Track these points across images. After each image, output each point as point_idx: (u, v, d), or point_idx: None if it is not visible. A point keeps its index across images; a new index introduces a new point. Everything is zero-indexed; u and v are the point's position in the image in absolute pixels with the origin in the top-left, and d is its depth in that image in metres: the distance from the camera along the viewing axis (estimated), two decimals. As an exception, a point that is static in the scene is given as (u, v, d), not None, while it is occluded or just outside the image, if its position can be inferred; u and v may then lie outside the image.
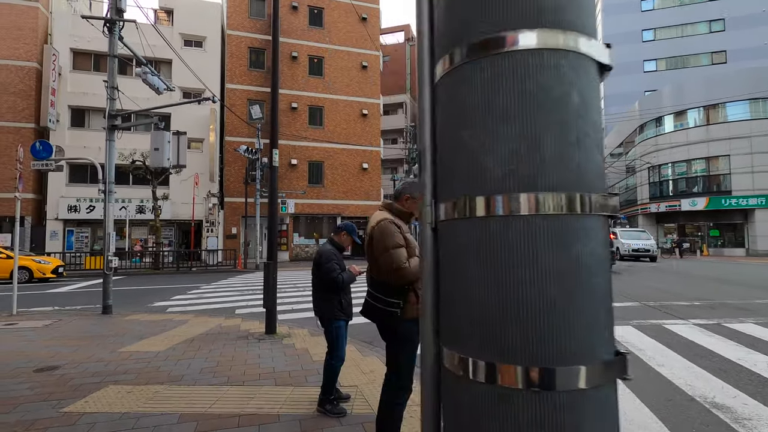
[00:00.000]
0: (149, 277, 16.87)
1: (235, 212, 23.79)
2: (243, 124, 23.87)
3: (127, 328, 6.70)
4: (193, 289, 12.17)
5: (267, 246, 6.20)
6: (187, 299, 10.13)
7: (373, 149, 26.55)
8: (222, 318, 7.59)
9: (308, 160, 25.16)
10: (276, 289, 6.20)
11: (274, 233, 6.19)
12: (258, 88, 24.58)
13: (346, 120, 26.00)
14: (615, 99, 46.49)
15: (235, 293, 11.06)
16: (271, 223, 6.18)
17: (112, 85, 8.25)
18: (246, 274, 17.19)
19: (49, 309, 9.09)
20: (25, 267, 14.70)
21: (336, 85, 25.87)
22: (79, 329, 6.67)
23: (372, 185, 26.36)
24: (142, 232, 22.73)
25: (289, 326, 6.77)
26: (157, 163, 7.79)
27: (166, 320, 7.40)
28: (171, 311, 8.61)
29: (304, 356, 5.01)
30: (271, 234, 6.18)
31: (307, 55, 25.45)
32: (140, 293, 11.45)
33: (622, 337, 5.67)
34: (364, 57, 26.58)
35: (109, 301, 8.04)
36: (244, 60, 24.55)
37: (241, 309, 8.70)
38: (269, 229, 6.18)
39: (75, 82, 21.90)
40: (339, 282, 3.39)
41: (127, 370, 4.50)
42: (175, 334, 6.21)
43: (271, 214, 6.18)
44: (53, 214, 21.13)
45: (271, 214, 6.18)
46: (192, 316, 7.77)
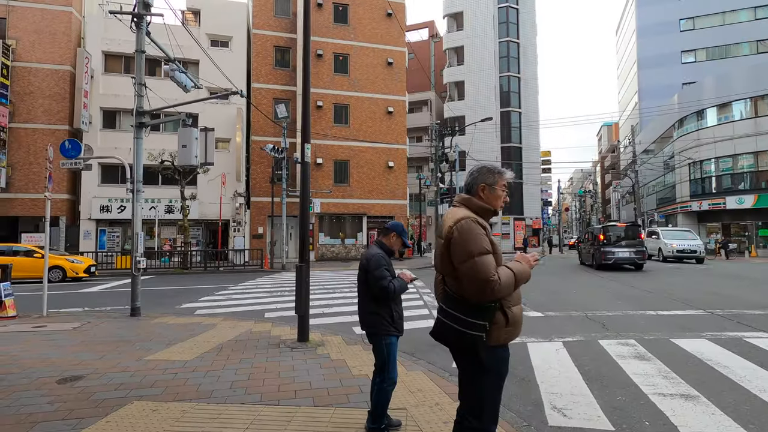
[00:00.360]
0: (177, 277, 16.88)
1: (261, 212, 23.74)
2: (269, 123, 23.79)
3: (155, 333, 6.42)
4: (221, 289, 11.97)
5: (299, 246, 5.79)
6: (215, 301, 9.90)
7: (399, 147, 26.05)
8: (251, 322, 7.25)
9: (334, 158, 24.87)
10: (309, 294, 5.78)
11: (305, 233, 5.78)
12: (283, 87, 24.46)
13: (372, 118, 25.59)
14: (650, 92, 44.44)
15: (263, 295, 10.77)
16: (303, 222, 5.77)
17: (140, 82, 8.04)
18: (273, 275, 17.00)
19: (79, 310, 9.00)
20: (58, 266, 14.90)
21: (361, 83, 25.49)
22: (106, 333, 6.43)
23: (398, 184, 25.87)
24: (170, 231, 22.94)
25: (322, 332, 6.36)
26: (184, 160, 7.53)
27: (194, 324, 7.11)
28: (199, 314, 8.35)
29: (341, 369, 4.56)
30: (302, 233, 5.77)
31: (332, 53, 25.16)
32: (168, 294, 11.31)
33: (701, 353, 4.98)
34: (390, 53, 26.11)
35: (137, 303, 7.84)
36: (270, 59, 24.47)
37: (271, 312, 8.36)
38: (301, 229, 5.78)
39: (106, 84, 22.27)
40: (391, 291, 2.91)
41: (153, 382, 4.16)
42: (203, 340, 5.88)
43: (302, 213, 5.77)
44: (86, 214, 21.55)
45: (302, 212, 5.77)
46: (220, 320, 7.47)
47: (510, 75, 39.07)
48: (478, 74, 38.47)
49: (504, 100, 38.86)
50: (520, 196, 38.83)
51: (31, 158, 21.18)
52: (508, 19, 39.22)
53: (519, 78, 39.46)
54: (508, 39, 39.09)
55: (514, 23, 39.59)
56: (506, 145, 38.72)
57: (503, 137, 38.76)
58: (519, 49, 39.58)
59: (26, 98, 21.26)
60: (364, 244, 25.42)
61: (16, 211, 21.08)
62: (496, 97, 38.52)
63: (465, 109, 38.86)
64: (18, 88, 21.18)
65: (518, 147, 39.05)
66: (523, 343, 5.56)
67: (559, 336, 6.00)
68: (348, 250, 25.11)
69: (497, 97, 38.56)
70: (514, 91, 39.20)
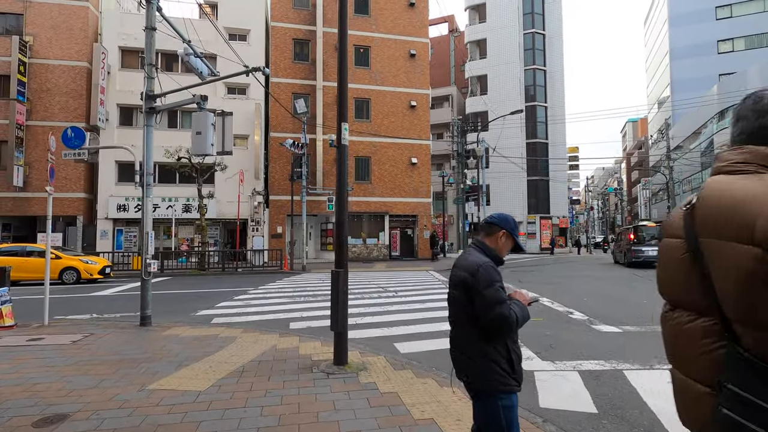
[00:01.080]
0: (194, 278, 16.13)
1: (280, 210, 22.92)
2: (288, 118, 22.97)
3: (164, 349, 5.49)
4: (240, 293, 11.09)
5: (335, 248, 4.78)
6: (234, 307, 8.98)
7: (423, 143, 24.93)
8: (275, 335, 6.27)
9: (354, 155, 23.89)
10: (347, 307, 4.75)
11: (343, 230, 4.76)
12: (302, 81, 23.60)
13: (394, 112, 24.53)
14: (683, 85, 42.22)
15: (285, 300, 9.82)
16: (340, 217, 4.76)
17: (150, 62, 7.16)
18: (293, 276, 16.10)
19: (86, 317, 8.18)
20: (72, 268, 14.28)
21: (383, 76, 24.46)
22: (108, 348, 5.53)
23: (422, 181, 24.75)
24: (188, 231, 22.32)
25: (360, 351, 5.32)
26: (199, 149, 6.61)
27: (210, 336, 6.17)
28: (216, 323, 7.43)
29: (397, 409, 3.50)
30: (339, 232, 4.75)
31: (353, 45, 24.18)
32: (184, 298, 10.46)
33: None
34: (412, 45, 25.00)
35: (147, 311, 6.95)
36: (288, 52, 23.63)
37: (296, 322, 7.38)
38: (337, 226, 4.76)
39: (123, 80, 21.76)
40: (513, 322, 1.85)
41: (156, 426, 3.17)
42: (220, 360, 4.91)
43: (339, 206, 4.76)
44: (103, 214, 21.06)
45: (339, 205, 4.76)
46: (240, 331, 6.52)
47: (535, 68, 37.49)
48: (501, 68, 37.03)
49: (529, 95, 37.31)
50: (547, 194, 37.23)
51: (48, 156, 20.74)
52: (533, 10, 37.64)
53: (545, 71, 37.84)
54: (533, 30, 37.52)
55: (540, 14, 37.99)
56: (531, 141, 37.17)
57: (528, 133, 37.21)
58: (544, 41, 37.95)
59: (43, 95, 20.88)
60: (386, 243, 24.39)
61: (34, 210, 20.71)
62: (521, 91, 37.00)
63: (488, 104, 37.47)
64: (35, 86, 20.81)
65: (544, 143, 37.45)
66: (619, 372, 4.41)
67: (660, 360, 4.83)
68: (370, 250, 24.11)
69: (522, 92, 37.05)
70: (539, 85, 37.60)
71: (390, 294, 10.46)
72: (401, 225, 25.09)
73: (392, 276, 15.48)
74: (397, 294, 10.39)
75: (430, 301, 9.22)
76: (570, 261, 24.85)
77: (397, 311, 8.10)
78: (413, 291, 11.00)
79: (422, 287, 11.83)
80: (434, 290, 11.11)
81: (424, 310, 8.16)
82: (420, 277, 15.20)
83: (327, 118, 23.37)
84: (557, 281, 13.07)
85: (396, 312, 8.01)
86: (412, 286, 12.19)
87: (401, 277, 14.88)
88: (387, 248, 24.35)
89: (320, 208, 23.01)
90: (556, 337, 5.86)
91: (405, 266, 20.46)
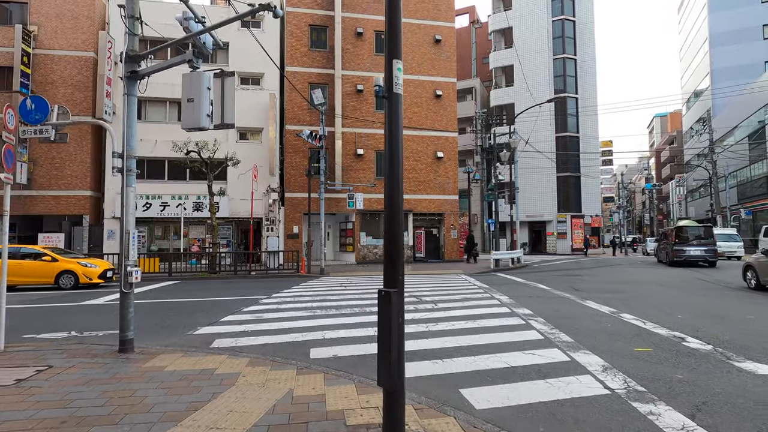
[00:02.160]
0: (203, 283, 14.69)
1: (297, 209, 21.41)
2: (304, 110, 21.46)
3: (136, 396, 3.87)
4: (250, 302, 9.50)
5: (386, 253, 3.08)
6: (242, 322, 7.37)
7: (449, 135, 23.11)
8: (291, 370, 4.61)
9: (375, 149, 22.24)
10: (403, 350, 3.04)
11: (396, 226, 3.05)
12: (320, 70, 22.04)
13: (418, 102, 22.78)
14: (725, 73, 39.27)
15: (303, 313, 8.17)
16: (392, 206, 3.05)
17: (132, 14, 5.59)
18: (311, 281, 14.50)
19: (61, 336, 6.68)
20: (70, 271, 12.95)
21: (406, 63, 22.70)
22: (59, 396, 3.94)
23: (448, 177, 22.94)
24: (199, 231, 20.99)
25: (415, 403, 3.60)
26: (191, 122, 5.01)
27: (205, 372, 4.55)
28: (217, 347, 5.83)
29: None
30: (392, 229, 3.05)
31: (374, 31, 22.53)
32: (186, 309, 8.92)
33: None
34: (437, 30, 23.21)
35: (128, 333, 5.38)
36: (305, 39, 22.10)
37: (318, 347, 5.71)
38: (389, 221, 3.06)
39: (131, 72, 20.49)
40: None
41: None
42: (210, 424, 3.25)
43: (391, 194, 3.05)
44: (110, 212, 19.87)
45: (391, 193, 3.05)
46: (245, 363, 4.88)
47: (565, 57, 35.24)
48: (529, 57, 34.92)
49: (558, 85, 35.08)
50: (578, 191, 34.95)
51: (53, 152, 19.69)
52: (562, -5, 35.42)
53: (575, 60, 35.55)
54: (562, 17, 35.29)
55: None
56: (561, 135, 34.95)
57: (558, 126, 35.00)
58: (575, 28, 35.66)
59: (48, 88, 19.78)
60: (410, 244, 22.64)
61: (39, 209, 19.65)
62: (550, 81, 34.83)
63: (514, 96, 35.43)
64: (39, 77, 19.74)
65: (575, 136, 35.17)
66: None
67: None
68: (392, 251, 22.38)
69: (551, 82, 34.86)
70: (570, 75, 35.33)
71: (428, 305, 8.72)
72: (426, 224, 23.31)
73: (421, 281, 13.73)
74: (436, 306, 8.65)
75: (481, 316, 7.44)
76: (612, 263, 22.68)
77: (446, 332, 6.36)
78: (454, 301, 9.23)
79: (461, 295, 10.05)
80: (478, 299, 9.33)
81: (480, 330, 6.41)
82: (454, 282, 13.41)
83: (346, 109, 21.77)
84: (621, 289, 11.12)
85: (446, 333, 6.27)
86: (450, 294, 10.42)
87: (432, 282, 13.13)
88: (411, 249, 22.60)
89: (339, 207, 21.42)
90: (697, 384, 4.03)
91: (432, 269, 18.69)
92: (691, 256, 18.00)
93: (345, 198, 19.92)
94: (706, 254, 17.94)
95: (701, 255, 18.01)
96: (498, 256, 19.27)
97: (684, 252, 18.14)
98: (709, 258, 17.95)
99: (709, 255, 17.92)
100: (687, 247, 18.22)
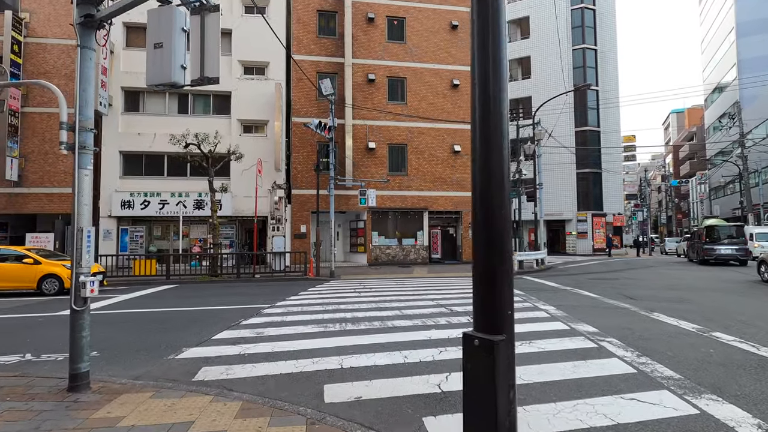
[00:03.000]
0: (202, 287, 13.37)
1: (304, 207, 20.05)
2: (312, 102, 20.12)
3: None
4: (251, 313, 8.11)
5: (475, 273, 1.64)
6: (238, 342, 5.97)
7: (467, 127, 21.55)
8: (299, 427, 3.19)
9: (388, 142, 20.82)
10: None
11: (498, 229, 1.60)
12: (329, 59, 20.65)
13: (433, 93, 21.30)
14: (753, 64, 37.20)
15: (313, 328, 6.75)
16: (490, 186, 1.61)
17: (88, -60, 4.21)
18: (320, 285, 13.10)
19: (12, 360, 5.34)
20: (53, 275, 11.66)
21: (420, 51, 21.27)
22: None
23: (466, 172, 21.42)
24: (201, 231, 19.71)
25: None
26: (159, 76, 3.62)
27: (177, 426, 3.14)
28: (202, 378, 4.45)
29: None
30: (487, 229, 1.60)
31: (385, 17, 21.11)
32: (174, 322, 7.54)
33: None
34: (454, 15, 21.72)
35: (80, 365, 4.00)
36: (313, 26, 20.73)
37: (334, 383, 4.28)
38: (483, 215, 1.62)
39: (128, 61, 19.30)
40: None
41: None
42: None
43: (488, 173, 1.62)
44: (106, 211, 18.65)
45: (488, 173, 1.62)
46: (234, 413, 3.48)
47: (585, 47, 33.54)
48: (546, 48, 33.25)
49: (578, 77, 33.36)
50: (600, 188, 33.22)
51: (46, 147, 18.51)
52: (582, -18, 33.72)
53: (595, 50, 33.82)
54: (582, 5, 33.60)
55: (590, -13, 34.01)
56: (581, 129, 33.26)
57: (577, 120, 33.31)
58: (595, 17, 33.94)
59: (40, 78, 18.56)
60: (425, 244, 21.17)
61: (31, 208, 18.47)
62: (569, 73, 33.11)
63: (531, 89, 33.79)
64: (31, 67, 18.57)
65: (595, 131, 33.44)
66: None
67: None
68: (406, 252, 20.95)
69: (569, 74, 33.14)
70: (590, 66, 33.62)
71: (463, 319, 7.26)
72: (442, 223, 21.83)
73: (444, 285, 12.26)
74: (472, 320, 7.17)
75: (535, 335, 5.96)
76: (644, 264, 21.04)
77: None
78: (492, 313, 7.74)
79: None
80: (520, 311, 7.83)
81: (543, 357, 4.94)
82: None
83: (357, 100, 20.36)
84: (683, 297, 9.55)
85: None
86: (483, 303, 8.93)
87: (456, 288, 11.65)
88: (426, 250, 21.12)
89: (350, 204, 20.02)
90: None
91: (451, 271, 17.21)
92: (722, 255, 18.29)
93: (356, 195, 18.53)
94: (737, 253, 18.19)
95: (732, 254, 18.22)
96: (522, 257, 17.74)
97: (714, 251, 18.45)
98: (740, 257, 18.16)
99: (740, 254, 18.16)
100: (718, 246, 18.50)
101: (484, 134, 1.67)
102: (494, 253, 1.62)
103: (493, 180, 1.64)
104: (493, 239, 1.62)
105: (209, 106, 20.17)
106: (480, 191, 1.67)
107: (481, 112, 1.70)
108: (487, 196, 1.64)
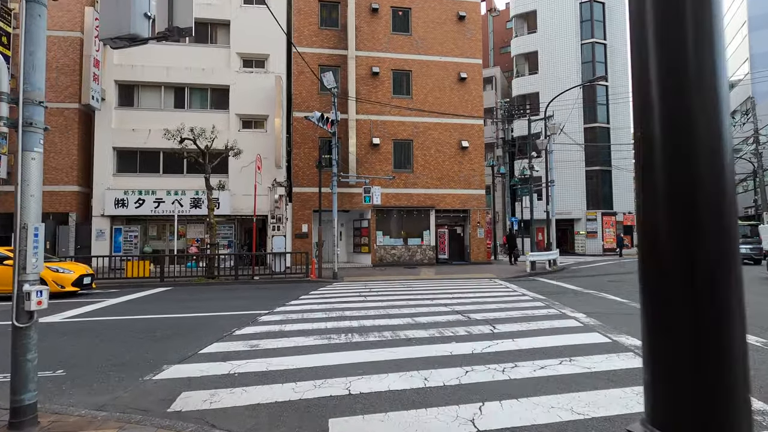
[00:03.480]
0: (198, 290, 12.59)
1: (305, 205, 19.23)
2: (314, 96, 19.32)
3: None
4: (246, 320, 7.30)
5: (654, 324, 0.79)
6: (228, 357, 5.16)
7: (475, 122, 20.76)
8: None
9: (393, 138, 19.98)
10: None
11: (729, 236, 0.76)
12: (331, 51, 19.83)
13: (440, 87, 20.46)
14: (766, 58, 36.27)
15: (316, 341, 5.92)
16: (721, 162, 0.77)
17: None
18: (323, 288, 12.29)
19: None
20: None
21: (426, 43, 20.42)
22: None
23: (474, 169, 20.59)
24: (198, 230, 18.92)
25: None
26: (116, 27, 2.70)
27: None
28: (179, 409, 3.64)
29: None
30: (721, 239, 0.77)
31: (390, 7, 20.28)
32: (160, 332, 6.73)
33: None
34: (461, 5, 20.86)
35: (24, 396, 3.20)
36: (315, 17, 19.91)
37: (342, 416, 3.46)
38: (723, 209, 0.79)
39: (123, 53, 18.46)
40: None
41: None
42: None
43: (645, 149, 0.78)
44: (99, 210, 17.89)
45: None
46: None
47: (594, 42, 32.58)
48: (554, 42, 32.41)
49: (587, 72, 32.44)
50: (610, 187, 32.30)
51: (37, 143, 17.72)
52: (591, -25, 32.80)
53: (605, 45, 32.88)
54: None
55: (599, -20, 33.09)
56: (590, 126, 32.33)
57: (586, 116, 32.38)
58: (604, 11, 33.00)
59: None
60: (432, 244, 20.33)
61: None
62: (578, 68, 32.23)
63: (538, 85, 32.91)
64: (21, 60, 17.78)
65: (605, 127, 32.50)
66: None
67: None
68: (412, 252, 20.10)
69: (578, 69, 32.25)
70: (599, 61, 32.66)
71: (483, 328, 6.42)
72: (449, 222, 20.98)
73: (455, 288, 11.43)
74: (495, 328, 6.35)
75: (574, 349, 5.12)
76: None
77: (544, 385, 4.07)
78: (515, 321, 6.92)
79: (519, 311, 7.74)
80: (546, 318, 7.01)
81: (593, 379, 4.11)
82: (494, 289, 11.09)
83: (361, 93, 19.55)
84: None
85: (546, 388, 3.98)
86: (503, 308, 8.11)
87: (468, 291, 10.82)
88: (433, 250, 20.28)
89: (353, 203, 19.20)
90: None
91: (459, 272, 16.38)
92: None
93: (359, 193, 17.71)
94: (752, 252, 18.20)
95: (746, 253, 18.22)
96: (535, 257, 16.88)
97: None
98: (755, 256, 18.10)
99: (754, 253, 18.10)
100: None
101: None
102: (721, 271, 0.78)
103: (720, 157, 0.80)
104: (719, 259, 0.77)
105: (207, 101, 19.39)
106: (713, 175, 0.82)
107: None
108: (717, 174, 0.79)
